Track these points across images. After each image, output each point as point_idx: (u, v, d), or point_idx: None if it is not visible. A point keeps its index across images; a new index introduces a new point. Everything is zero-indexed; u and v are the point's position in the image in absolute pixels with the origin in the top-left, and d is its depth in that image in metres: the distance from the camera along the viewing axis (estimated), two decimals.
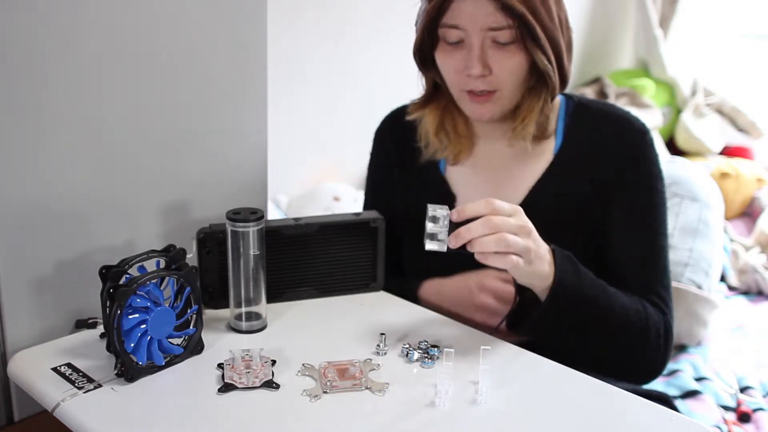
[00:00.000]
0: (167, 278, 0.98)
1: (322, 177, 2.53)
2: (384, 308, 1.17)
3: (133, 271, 0.96)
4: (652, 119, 3.17)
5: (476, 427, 0.89)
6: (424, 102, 1.23)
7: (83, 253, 1.08)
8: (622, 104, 3.13)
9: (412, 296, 1.21)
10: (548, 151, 1.20)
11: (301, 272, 1.17)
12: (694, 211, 2.05)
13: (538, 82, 1.13)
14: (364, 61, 2.58)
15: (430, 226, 0.98)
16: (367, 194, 1.37)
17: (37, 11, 0.97)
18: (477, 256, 0.96)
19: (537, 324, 1.06)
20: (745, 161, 3.15)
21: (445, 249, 0.98)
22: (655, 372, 1.15)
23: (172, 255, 1.00)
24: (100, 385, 0.93)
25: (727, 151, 3.33)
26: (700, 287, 2.01)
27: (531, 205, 1.16)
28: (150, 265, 0.98)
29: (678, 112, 3.38)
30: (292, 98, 2.34)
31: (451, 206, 0.99)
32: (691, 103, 3.33)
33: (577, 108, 1.21)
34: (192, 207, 1.20)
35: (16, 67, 0.97)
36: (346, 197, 2.38)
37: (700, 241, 2.04)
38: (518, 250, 0.96)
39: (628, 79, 3.33)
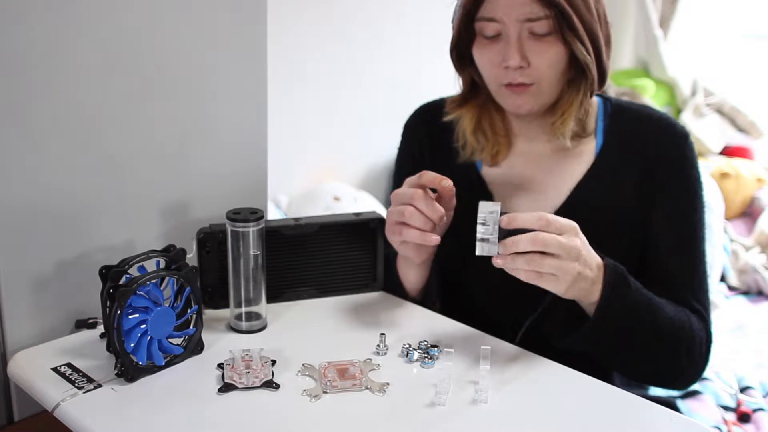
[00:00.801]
0: (167, 278, 0.98)
1: (322, 177, 2.53)
2: (384, 308, 1.17)
3: (133, 271, 0.96)
4: None
5: (476, 427, 0.89)
6: (462, 101, 1.20)
7: (83, 253, 1.08)
8: None
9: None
10: (588, 152, 1.18)
11: (301, 272, 1.17)
12: None
13: (577, 75, 1.11)
14: (364, 61, 2.58)
15: (481, 230, 0.96)
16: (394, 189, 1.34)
17: (36, 11, 0.97)
18: (508, 269, 0.96)
19: (579, 340, 1.04)
20: (745, 161, 3.15)
21: (495, 253, 0.96)
22: (693, 380, 1.14)
23: (172, 255, 1.00)
24: (100, 385, 0.93)
25: (727, 151, 3.33)
26: None
27: (573, 206, 1.16)
28: (150, 265, 0.98)
29: (678, 112, 3.38)
30: (292, 98, 2.34)
31: None
32: (691, 103, 3.33)
33: (615, 109, 1.19)
34: (192, 207, 1.20)
35: (16, 67, 0.97)
36: (346, 197, 2.38)
37: None
38: (557, 271, 0.95)
39: (628, 79, 3.33)
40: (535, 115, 1.15)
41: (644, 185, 1.15)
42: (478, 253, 0.97)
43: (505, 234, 0.96)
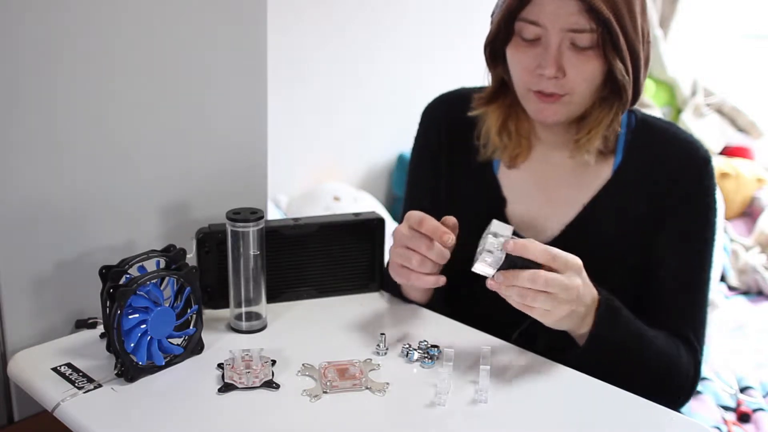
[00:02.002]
0: (167, 278, 0.98)
1: (322, 177, 2.53)
2: (384, 308, 1.17)
3: (133, 271, 0.96)
4: None
5: (476, 427, 0.89)
6: (489, 99, 1.17)
7: (83, 253, 1.08)
8: None
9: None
10: (607, 166, 1.15)
11: (301, 272, 1.17)
12: None
13: (611, 94, 1.08)
14: (364, 61, 2.58)
15: (486, 252, 0.94)
16: (411, 175, 1.30)
17: (36, 12, 0.97)
18: (501, 294, 0.96)
19: (568, 362, 1.04)
20: (745, 161, 3.15)
21: (491, 275, 0.95)
22: (676, 407, 1.12)
23: (172, 255, 1.00)
24: (100, 385, 0.93)
25: (727, 151, 3.33)
26: None
27: (585, 221, 1.14)
28: (150, 265, 0.98)
29: (678, 112, 3.38)
30: (292, 98, 2.34)
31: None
32: (691, 103, 3.33)
33: (640, 124, 1.16)
34: (192, 207, 1.20)
35: (16, 67, 0.97)
36: (346, 197, 2.38)
37: None
38: (550, 308, 0.94)
39: None
40: (560, 126, 1.13)
41: (657, 207, 1.12)
42: (474, 269, 0.96)
43: (508, 259, 0.94)
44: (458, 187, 1.22)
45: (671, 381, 1.09)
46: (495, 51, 1.11)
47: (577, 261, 0.96)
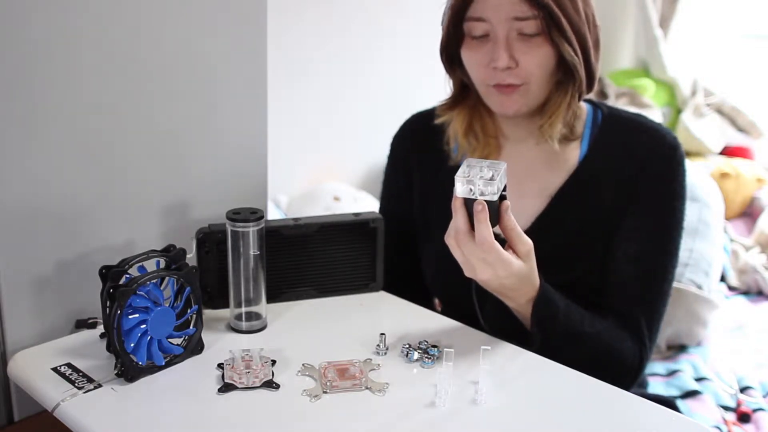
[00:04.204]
0: (167, 278, 0.98)
1: (322, 177, 2.53)
2: (384, 308, 1.17)
3: (133, 271, 0.96)
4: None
5: (476, 427, 0.89)
6: (452, 104, 1.21)
7: (83, 253, 1.08)
8: (622, 104, 3.12)
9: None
10: (573, 158, 1.18)
11: (301, 272, 1.17)
12: (694, 211, 2.05)
13: (565, 77, 1.12)
14: (365, 61, 2.58)
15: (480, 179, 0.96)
16: (383, 198, 1.36)
17: (37, 11, 0.97)
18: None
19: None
20: (745, 161, 3.15)
21: (482, 197, 0.96)
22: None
23: (172, 255, 1.00)
24: (100, 385, 0.93)
25: (727, 151, 3.32)
26: (700, 287, 2.01)
27: (551, 212, 1.17)
28: (150, 265, 0.98)
29: (678, 112, 3.38)
30: (292, 98, 2.34)
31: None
32: (691, 103, 3.33)
33: (607, 118, 1.20)
34: (192, 207, 1.20)
35: (15, 67, 0.97)
36: (346, 197, 2.38)
37: (700, 241, 2.04)
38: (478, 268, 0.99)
39: (628, 79, 3.32)
40: (523, 117, 1.16)
41: (624, 194, 1.15)
42: (460, 193, 0.97)
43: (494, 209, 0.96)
44: (431, 196, 1.26)
45: (612, 370, 1.10)
46: (450, 55, 1.16)
47: (528, 243, 1.01)
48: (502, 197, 0.98)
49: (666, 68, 3.32)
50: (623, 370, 1.14)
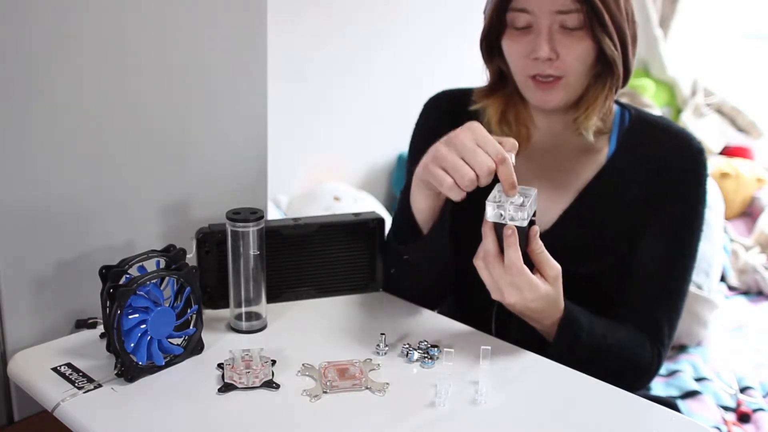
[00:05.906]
0: (167, 278, 0.98)
1: (322, 177, 2.53)
2: (384, 308, 1.17)
3: (133, 271, 0.96)
4: None
5: (476, 427, 0.89)
6: (489, 91, 1.21)
7: (83, 253, 1.08)
8: None
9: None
10: (602, 154, 1.19)
11: (301, 272, 1.17)
12: None
13: (603, 71, 1.13)
14: (365, 61, 2.58)
15: (511, 204, 0.96)
16: (411, 164, 1.29)
17: (37, 12, 0.97)
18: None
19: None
20: (745, 161, 3.15)
21: (511, 221, 0.96)
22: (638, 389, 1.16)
23: (172, 255, 1.00)
24: (100, 385, 0.93)
25: (727, 151, 3.33)
26: (700, 287, 2.01)
27: (580, 207, 1.17)
28: (150, 265, 0.98)
29: (678, 112, 3.38)
30: (292, 98, 2.34)
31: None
32: (691, 103, 3.33)
33: (634, 119, 1.21)
34: (192, 207, 1.20)
35: (14, 67, 0.97)
36: (346, 197, 2.38)
37: None
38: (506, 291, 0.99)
39: None
40: (559, 110, 1.16)
41: (650, 193, 1.16)
42: (491, 217, 0.97)
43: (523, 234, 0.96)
44: None
45: (631, 374, 1.13)
46: (490, 45, 1.17)
47: (557, 268, 1.01)
48: (531, 222, 0.98)
49: (666, 68, 3.32)
50: (641, 373, 1.15)
